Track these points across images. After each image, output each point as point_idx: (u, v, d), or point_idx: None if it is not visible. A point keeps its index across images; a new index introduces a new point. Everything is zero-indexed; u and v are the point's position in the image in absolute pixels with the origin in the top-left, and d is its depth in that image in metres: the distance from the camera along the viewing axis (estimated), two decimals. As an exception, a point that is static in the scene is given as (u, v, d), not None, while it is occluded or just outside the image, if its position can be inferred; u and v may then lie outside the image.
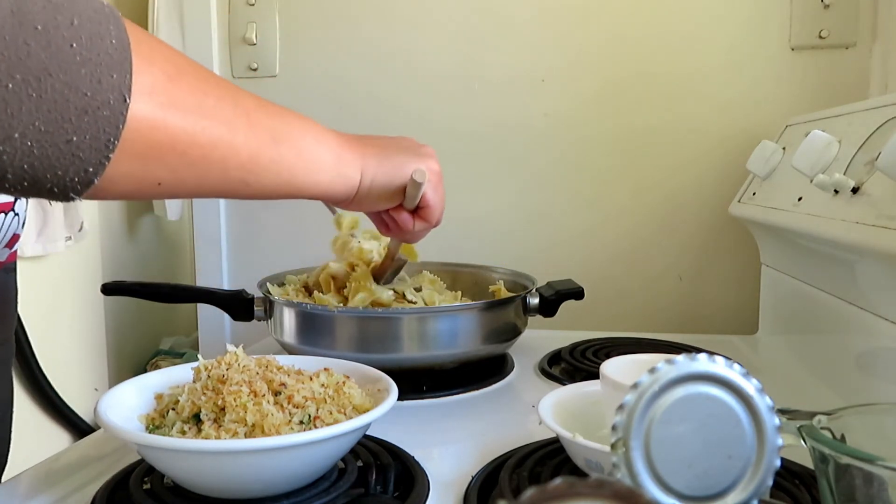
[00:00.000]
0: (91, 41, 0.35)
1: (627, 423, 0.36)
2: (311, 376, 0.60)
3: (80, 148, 0.36)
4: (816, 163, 0.81)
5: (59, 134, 0.35)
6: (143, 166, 0.40)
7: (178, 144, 0.41)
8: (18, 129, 0.34)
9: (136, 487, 0.56)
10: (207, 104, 0.43)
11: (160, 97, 0.39)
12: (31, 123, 0.34)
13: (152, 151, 0.40)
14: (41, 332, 1.23)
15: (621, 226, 1.26)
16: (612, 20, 1.23)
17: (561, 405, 0.62)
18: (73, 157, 0.36)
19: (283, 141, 0.50)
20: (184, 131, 0.41)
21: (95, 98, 0.35)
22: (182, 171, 0.42)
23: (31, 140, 0.34)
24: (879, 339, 0.73)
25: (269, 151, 0.48)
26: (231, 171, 0.46)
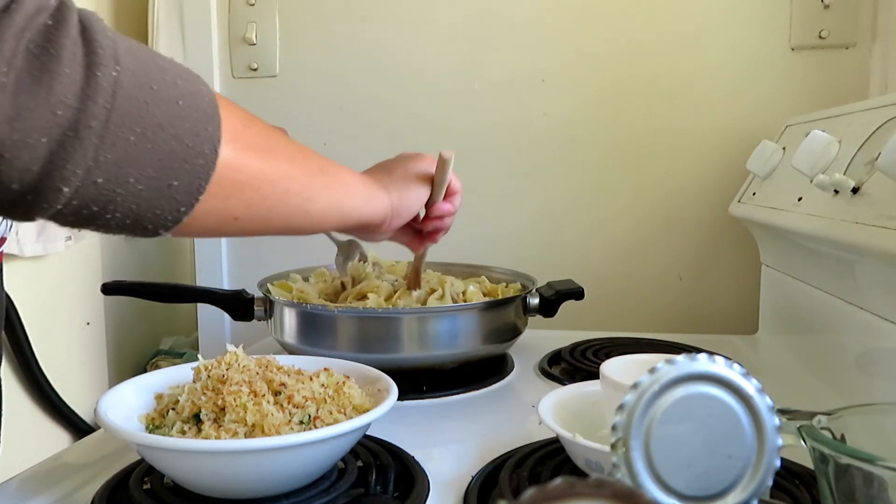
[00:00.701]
0: (192, 98, 0.41)
1: (627, 423, 0.36)
2: (311, 376, 0.60)
3: (178, 191, 0.41)
4: (816, 163, 0.81)
5: (164, 179, 0.40)
6: (223, 203, 0.45)
7: (254, 181, 0.47)
8: (134, 175, 0.39)
9: (136, 487, 0.56)
10: (273, 144, 0.50)
11: (239, 143, 0.45)
12: (144, 170, 0.39)
13: (233, 190, 0.45)
14: (41, 332, 1.23)
15: (621, 226, 1.26)
16: (613, 20, 1.23)
17: (561, 405, 0.62)
18: (171, 199, 0.41)
19: (329, 173, 0.57)
20: (258, 169, 0.47)
21: (194, 148, 0.41)
22: (255, 205, 0.48)
23: (142, 185, 0.39)
24: (879, 339, 0.73)
25: (320, 180, 0.55)
26: (293, 200, 0.52)
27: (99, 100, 0.36)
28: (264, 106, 1.33)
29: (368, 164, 1.40)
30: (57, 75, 0.34)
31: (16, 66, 0.33)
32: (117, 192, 0.38)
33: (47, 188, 0.36)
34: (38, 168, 0.35)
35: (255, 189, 0.47)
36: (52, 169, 0.36)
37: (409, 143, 1.29)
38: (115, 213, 0.40)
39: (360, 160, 1.32)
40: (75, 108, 0.35)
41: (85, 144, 0.36)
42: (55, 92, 0.34)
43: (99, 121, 0.36)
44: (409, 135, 1.29)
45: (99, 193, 0.38)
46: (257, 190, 0.47)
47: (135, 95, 0.37)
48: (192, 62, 1.35)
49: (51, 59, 0.34)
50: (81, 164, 0.36)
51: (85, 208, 0.38)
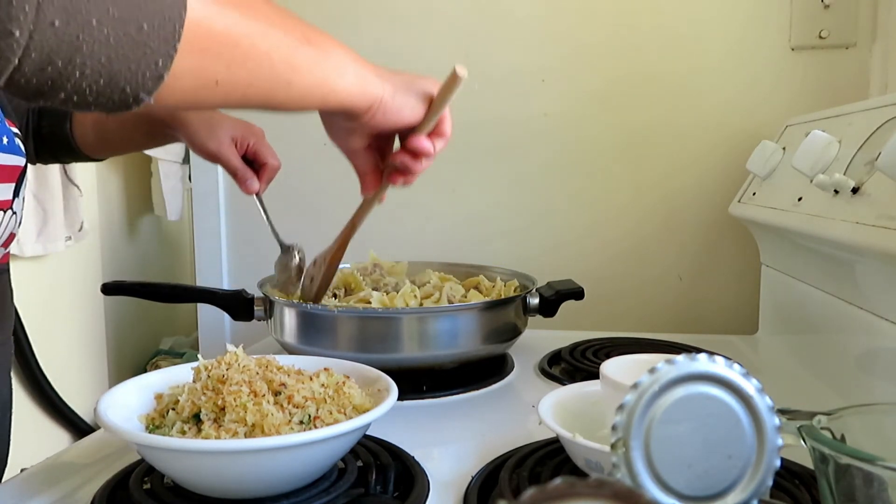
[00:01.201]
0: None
1: (627, 423, 0.36)
2: (311, 376, 0.60)
3: (150, 37, 0.36)
4: (816, 163, 0.81)
5: (131, 21, 0.35)
6: (202, 61, 0.41)
7: (232, 36, 0.43)
8: (95, 15, 0.34)
9: (136, 487, 0.56)
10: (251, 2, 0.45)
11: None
12: (106, 9, 0.34)
13: (210, 44, 0.41)
14: (41, 332, 1.23)
15: (621, 226, 1.26)
16: (613, 20, 1.23)
17: (561, 405, 0.62)
18: (145, 48, 0.36)
19: (314, 43, 0.51)
20: (236, 24, 0.43)
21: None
22: (236, 66, 0.44)
23: (106, 27, 0.34)
24: (879, 339, 0.73)
25: (304, 50, 0.50)
26: (276, 67, 0.47)
27: None
28: (264, 106, 1.32)
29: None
30: None
31: None
32: (81, 38, 0.34)
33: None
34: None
35: (233, 46, 0.43)
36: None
37: (409, 143, 1.29)
38: (83, 68, 0.35)
39: (360, 160, 1.33)
40: None
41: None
42: None
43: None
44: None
45: (59, 41, 0.33)
46: (236, 47, 0.43)
47: None
48: (192, 62, 1.35)
49: None
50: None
51: (48, 63, 0.33)
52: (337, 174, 1.33)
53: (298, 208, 1.29)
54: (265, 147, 0.87)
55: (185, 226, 1.75)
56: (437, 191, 1.29)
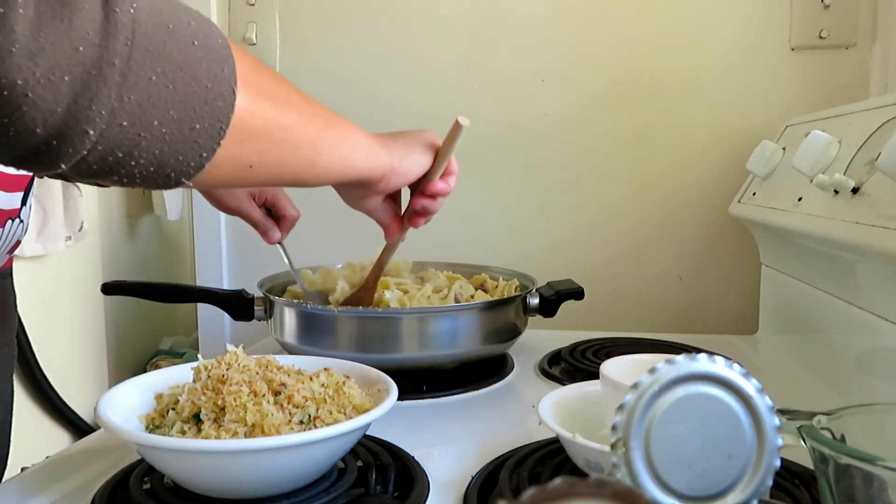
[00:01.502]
0: (206, 39, 0.40)
1: (627, 423, 0.36)
2: (311, 376, 0.60)
3: (200, 135, 0.40)
4: (816, 163, 0.81)
5: (186, 122, 0.39)
6: (240, 149, 0.45)
7: (267, 127, 0.47)
8: (157, 117, 0.38)
9: (136, 487, 0.56)
10: (283, 93, 0.49)
11: (253, 87, 0.44)
12: (167, 112, 0.38)
13: (248, 135, 0.45)
14: (41, 332, 1.23)
15: (621, 226, 1.26)
16: (613, 20, 1.23)
17: (561, 405, 0.62)
18: (193, 144, 0.40)
19: (335, 126, 0.57)
20: (271, 116, 0.47)
21: (213, 90, 0.40)
22: (268, 152, 0.48)
23: (166, 127, 0.38)
24: (879, 339, 0.73)
25: (327, 133, 0.55)
26: (302, 151, 0.52)
27: (120, 37, 0.35)
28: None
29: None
30: (76, 10, 0.33)
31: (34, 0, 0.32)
32: (142, 136, 0.38)
33: (73, 132, 0.35)
34: (63, 109, 0.34)
35: (268, 136, 0.47)
36: (78, 110, 0.35)
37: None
38: (139, 159, 0.39)
39: (360, 160, 1.33)
40: (97, 45, 0.34)
41: (108, 83, 0.35)
42: (76, 27, 0.33)
43: (121, 58, 0.35)
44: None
45: (124, 138, 0.37)
46: (270, 137, 0.48)
47: (153, 34, 0.37)
48: (192, 62, 1.35)
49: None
50: (106, 104, 0.35)
51: (110, 154, 0.37)
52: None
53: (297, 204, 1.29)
54: (282, 196, 0.90)
55: (185, 226, 1.75)
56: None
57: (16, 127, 0.34)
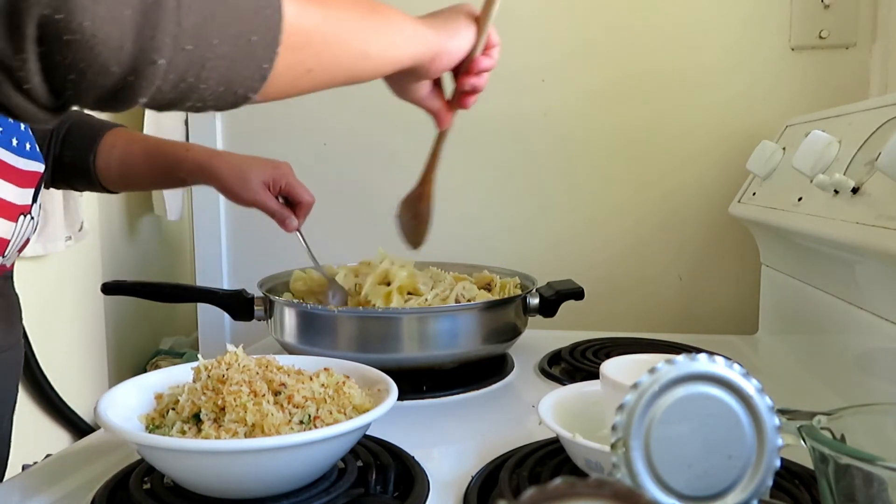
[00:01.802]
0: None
1: (627, 423, 0.36)
2: (311, 376, 0.60)
3: (258, 46, 0.43)
4: (816, 163, 0.81)
5: (243, 35, 0.41)
6: (297, 55, 0.46)
7: (318, 30, 0.48)
8: (216, 36, 0.40)
9: (136, 487, 0.56)
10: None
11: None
12: (224, 29, 0.40)
13: (302, 39, 0.47)
14: (41, 332, 1.23)
15: (621, 226, 1.26)
16: (613, 20, 1.23)
17: (561, 405, 0.62)
18: (253, 56, 0.43)
19: (379, 12, 0.57)
20: (320, 19, 0.49)
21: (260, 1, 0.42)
22: (324, 52, 0.50)
23: (226, 44, 0.41)
24: (879, 339, 0.73)
25: (373, 21, 0.56)
26: (353, 45, 0.53)
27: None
28: (263, 106, 1.32)
29: (368, 163, 1.40)
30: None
31: None
32: (206, 56, 0.40)
33: (144, 62, 0.37)
34: (131, 43, 0.36)
35: (321, 36, 0.49)
36: (144, 40, 0.37)
37: (410, 141, 1.29)
38: (208, 80, 0.41)
39: (360, 158, 1.33)
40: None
41: (166, 10, 0.37)
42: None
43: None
44: (410, 132, 1.29)
45: (190, 61, 0.39)
46: (323, 37, 0.49)
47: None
48: (192, 62, 1.35)
49: None
50: (168, 30, 0.37)
51: (181, 80, 0.40)
52: (337, 173, 1.33)
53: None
54: (297, 184, 0.91)
55: (185, 226, 1.75)
56: (437, 190, 1.29)
57: (93, 68, 0.36)
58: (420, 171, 0.82)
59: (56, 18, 0.34)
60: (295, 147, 1.29)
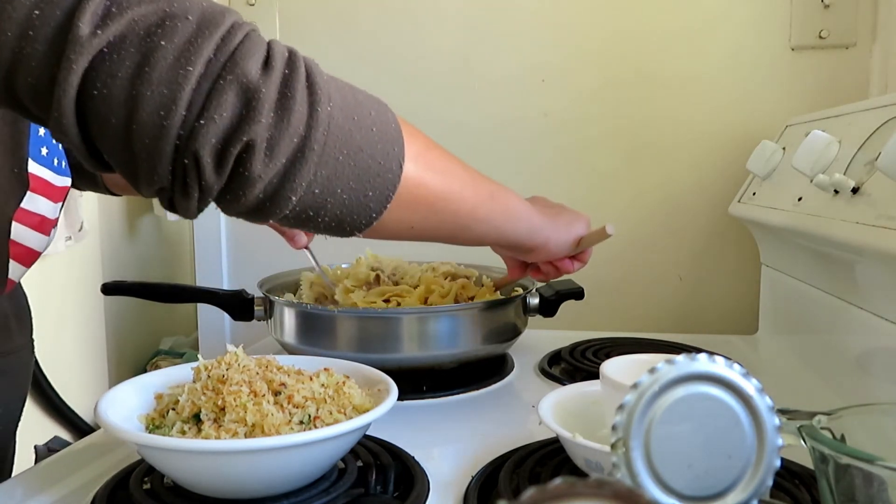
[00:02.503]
0: (382, 125, 0.50)
1: (627, 423, 0.36)
2: (311, 376, 0.60)
3: (372, 200, 0.51)
4: (816, 163, 0.81)
5: (361, 191, 0.50)
6: (404, 213, 0.54)
7: (430, 197, 0.56)
8: (340, 186, 0.48)
9: (136, 487, 0.56)
10: (449, 168, 0.59)
11: (420, 162, 0.54)
12: (348, 183, 0.49)
13: (413, 202, 0.54)
14: (41, 332, 1.23)
15: (621, 225, 1.25)
16: (613, 20, 1.23)
17: (561, 405, 0.62)
18: (366, 206, 0.51)
19: (497, 198, 0.66)
20: (435, 187, 0.56)
21: (385, 165, 0.50)
22: (429, 217, 0.57)
23: (346, 194, 0.49)
24: (879, 339, 0.73)
25: (487, 204, 0.64)
26: (460, 218, 0.61)
27: (320, 128, 0.46)
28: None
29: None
30: (293, 112, 0.44)
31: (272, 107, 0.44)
32: (328, 200, 0.48)
33: (282, 197, 0.46)
34: (277, 181, 0.46)
35: (430, 204, 0.56)
36: (286, 181, 0.46)
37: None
38: (325, 217, 0.50)
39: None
40: (303, 136, 0.45)
41: (309, 163, 0.46)
42: (292, 124, 0.44)
43: (319, 145, 0.46)
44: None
45: (315, 201, 0.48)
46: (432, 205, 0.57)
47: (342, 125, 0.47)
48: (192, 62, 1.35)
49: (289, 100, 0.44)
50: (306, 178, 0.46)
51: (304, 213, 0.49)
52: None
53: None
54: None
55: (185, 226, 1.75)
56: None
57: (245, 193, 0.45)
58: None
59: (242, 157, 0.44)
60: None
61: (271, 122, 0.43)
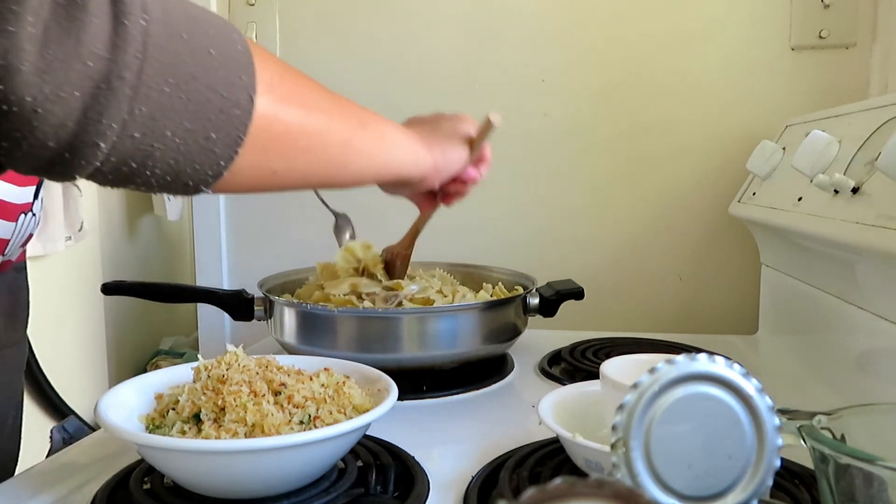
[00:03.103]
0: (224, 47, 0.40)
1: (627, 423, 0.36)
2: (311, 376, 0.60)
3: (216, 143, 0.40)
4: (816, 163, 0.81)
5: (201, 132, 0.39)
6: (262, 156, 0.44)
7: (291, 133, 0.46)
8: (170, 128, 0.37)
9: (136, 487, 0.56)
10: (310, 97, 0.49)
11: (275, 93, 0.44)
12: (180, 122, 0.38)
13: (270, 142, 0.44)
14: (41, 332, 1.23)
15: (621, 225, 1.26)
16: (613, 20, 1.23)
17: (561, 405, 0.62)
18: (210, 152, 0.40)
19: (370, 126, 0.56)
20: (295, 122, 0.46)
21: (230, 98, 0.40)
22: (293, 158, 0.47)
23: (179, 137, 0.38)
24: (879, 339, 0.73)
25: (360, 134, 0.54)
26: (332, 154, 0.51)
27: (129, 49, 0.34)
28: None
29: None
30: (85, 24, 0.33)
31: (43, 16, 0.32)
32: (155, 146, 0.37)
33: (84, 144, 0.35)
34: (74, 123, 0.34)
35: (293, 141, 0.47)
36: (88, 124, 0.35)
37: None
38: (154, 169, 0.39)
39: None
40: (106, 59, 0.34)
41: (119, 97, 0.35)
42: (84, 42, 0.33)
43: (131, 72, 0.35)
44: (409, 135, 1.29)
45: (136, 149, 0.37)
46: (295, 142, 0.47)
47: (165, 45, 0.36)
48: (192, 62, 1.35)
49: (76, 7, 0.33)
50: (117, 117, 0.35)
51: (124, 165, 0.38)
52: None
53: (292, 205, 1.29)
54: None
55: (185, 226, 1.75)
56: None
57: (28, 140, 0.34)
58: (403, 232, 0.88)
59: None
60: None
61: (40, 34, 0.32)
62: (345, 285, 0.88)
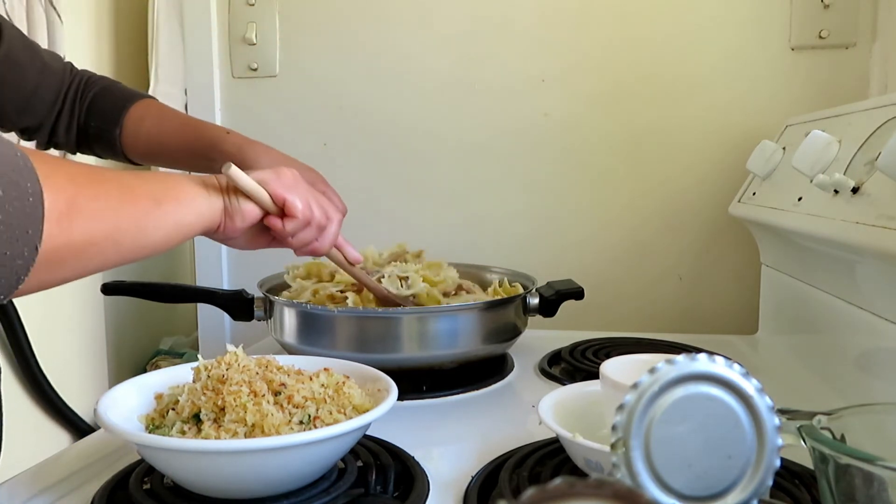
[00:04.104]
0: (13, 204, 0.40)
1: (627, 423, 0.36)
2: (311, 376, 0.60)
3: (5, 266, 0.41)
4: (816, 163, 0.81)
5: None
6: (50, 275, 0.46)
7: (78, 250, 0.48)
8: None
9: (136, 487, 0.56)
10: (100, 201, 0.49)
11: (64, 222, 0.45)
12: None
13: (57, 264, 0.46)
14: (41, 332, 1.23)
15: (621, 226, 1.26)
16: (613, 21, 1.23)
17: (561, 405, 0.62)
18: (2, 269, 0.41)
19: (163, 200, 0.56)
20: (82, 238, 0.47)
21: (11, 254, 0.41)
22: (83, 267, 0.49)
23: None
24: (879, 339, 0.73)
25: (154, 213, 0.55)
26: (125, 244, 0.52)
27: None
28: (264, 106, 1.33)
29: (367, 164, 1.40)
30: None
31: None
32: None
33: None
34: None
35: (80, 256, 0.48)
36: None
37: (410, 143, 1.29)
38: None
39: (360, 160, 1.33)
40: None
41: None
42: None
43: None
44: (409, 135, 1.29)
45: None
46: (82, 255, 0.48)
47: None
48: (191, 62, 1.35)
49: None
50: None
51: None
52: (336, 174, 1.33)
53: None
54: (330, 191, 0.88)
55: (185, 226, 1.75)
56: (436, 191, 1.29)
57: None
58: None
59: None
60: (294, 147, 1.29)
61: None
62: (307, 292, 0.89)
